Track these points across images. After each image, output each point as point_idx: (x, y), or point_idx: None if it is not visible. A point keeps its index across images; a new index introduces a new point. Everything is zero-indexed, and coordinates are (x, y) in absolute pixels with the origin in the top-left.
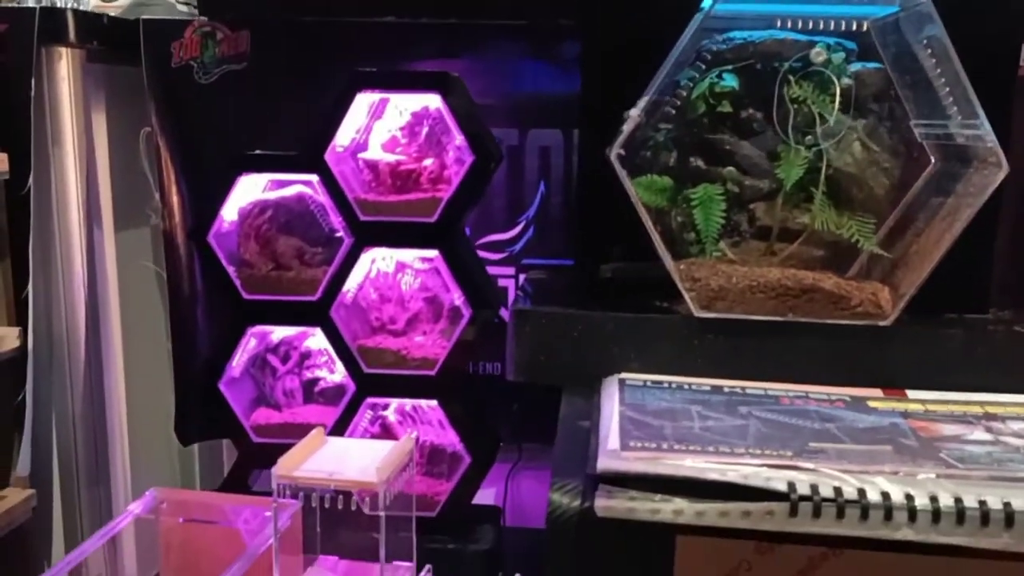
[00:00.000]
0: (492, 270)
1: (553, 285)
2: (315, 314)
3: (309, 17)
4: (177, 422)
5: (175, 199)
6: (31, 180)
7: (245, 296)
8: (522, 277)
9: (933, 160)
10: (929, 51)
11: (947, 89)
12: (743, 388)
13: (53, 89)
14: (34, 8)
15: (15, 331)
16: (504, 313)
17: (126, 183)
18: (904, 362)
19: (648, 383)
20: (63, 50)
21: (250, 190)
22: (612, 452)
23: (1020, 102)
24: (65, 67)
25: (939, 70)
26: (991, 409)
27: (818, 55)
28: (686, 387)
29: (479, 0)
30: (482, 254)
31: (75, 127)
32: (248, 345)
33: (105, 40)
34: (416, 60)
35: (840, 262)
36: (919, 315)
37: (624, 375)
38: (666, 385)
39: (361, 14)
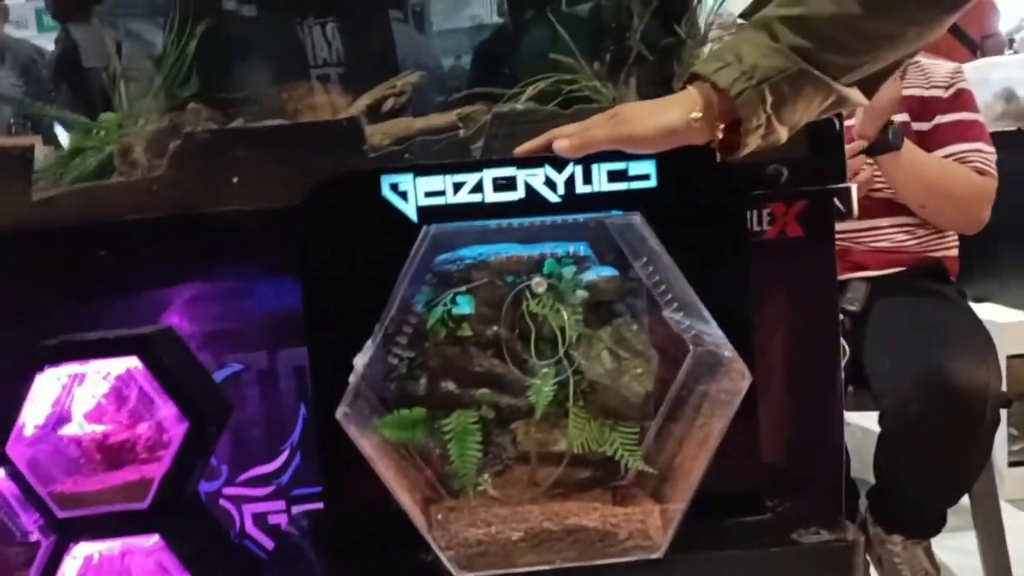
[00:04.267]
0: (260, 507)
1: (314, 535)
2: None
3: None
4: None
5: None
6: None
7: None
8: (295, 511)
9: (692, 348)
10: (661, 250)
11: (672, 295)
12: None
13: None
14: None
15: None
16: None
17: None
18: None
19: None
20: None
21: None
22: None
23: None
24: None
25: (666, 274)
26: None
27: (539, 285)
28: None
29: (204, 223)
30: (246, 492)
31: None
32: None
33: None
34: (143, 292)
35: (613, 473)
36: (696, 530)
37: None
38: None
39: (75, 250)
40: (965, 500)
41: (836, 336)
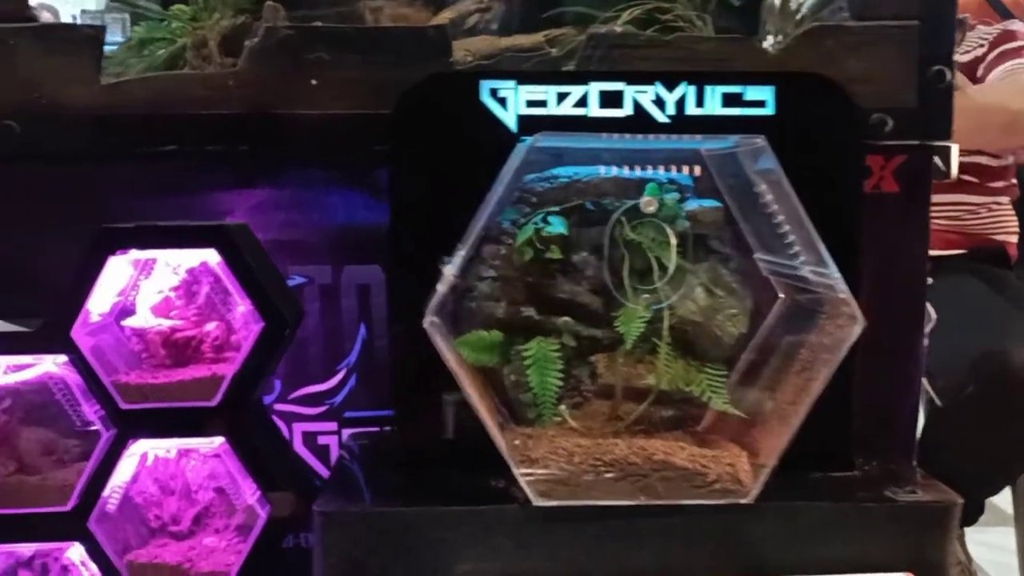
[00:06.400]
0: (310, 427)
1: (374, 456)
2: (70, 527)
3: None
4: None
5: None
6: None
7: None
8: (345, 434)
9: (781, 296)
10: (767, 186)
11: (789, 229)
12: None
13: None
14: None
15: None
16: None
17: None
18: (770, 544)
19: None
20: None
21: None
22: None
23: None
24: None
25: (779, 208)
26: None
27: (648, 204)
28: None
29: (276, 125)
30: (297, 409)
31: None
32: None
33: None
34: (207, 192)
35: (696, 416)
36: (780, 480)
37: None
38: None
39: (138, 144)
40: (995, 496)
41: (922, 299)
